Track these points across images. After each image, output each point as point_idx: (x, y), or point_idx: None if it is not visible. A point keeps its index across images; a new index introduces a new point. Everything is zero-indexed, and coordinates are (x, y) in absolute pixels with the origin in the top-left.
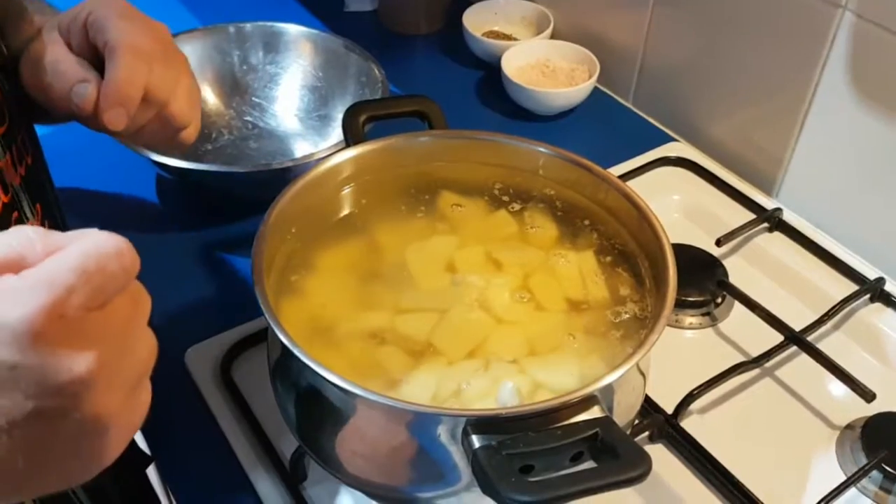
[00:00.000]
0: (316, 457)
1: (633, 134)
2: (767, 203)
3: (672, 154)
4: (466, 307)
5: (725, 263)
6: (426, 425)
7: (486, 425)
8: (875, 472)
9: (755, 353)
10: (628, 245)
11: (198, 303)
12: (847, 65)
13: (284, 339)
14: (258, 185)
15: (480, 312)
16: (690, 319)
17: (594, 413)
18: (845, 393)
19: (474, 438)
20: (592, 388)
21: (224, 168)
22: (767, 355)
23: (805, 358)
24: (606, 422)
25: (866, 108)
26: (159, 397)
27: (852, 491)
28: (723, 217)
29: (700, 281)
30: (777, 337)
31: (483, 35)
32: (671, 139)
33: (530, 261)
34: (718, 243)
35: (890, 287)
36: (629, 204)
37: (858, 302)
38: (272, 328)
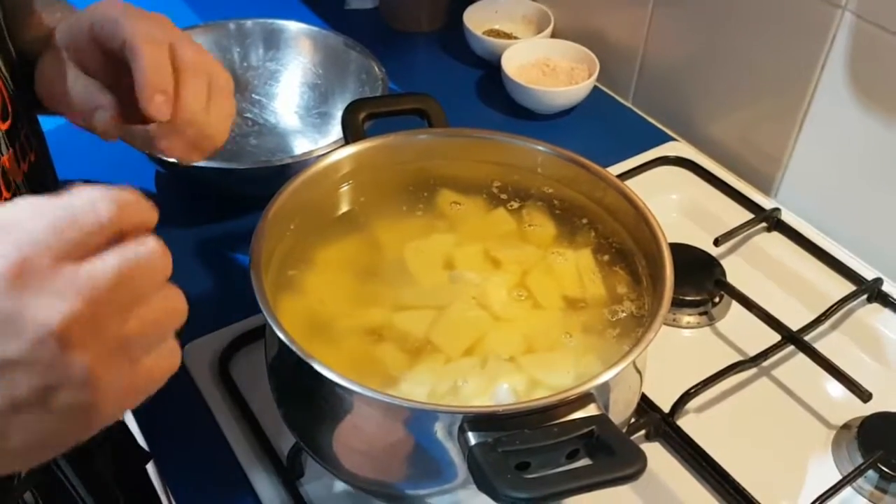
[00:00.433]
0: (313, 453)
1: (633, 133)
2: (766, 203)
3: (671, 153)
4: (464, 305)
5: (723, 263)
6: (423, 422)
7: (483, 422)
8: (871, 472)
9: (752, 353)
10: (626, 243)
11: (196, 299)
12: (846, 65)
13: (282, 336)
14: (257, 182)
15: (478, 310)
16: (688, 318)
17: (590, 411)
18: (842, 393)
19: (471, 435)
20: (589, 386)
21: (224, 164)
22: (765, 355)
23: (802, 358)
24: (602, 419)
25: (865, 109)
26: (157, 393)
27: (848, 490)
28: (721, 216)
29: (698, 280)
30: (774, 336)
31: (483, 33)
32: (670, 138)
33: (528, 259)
34: (717, 243)
35: (887, 287)
36: (627, 203)
37: (856, 302)
38: (270, 325)
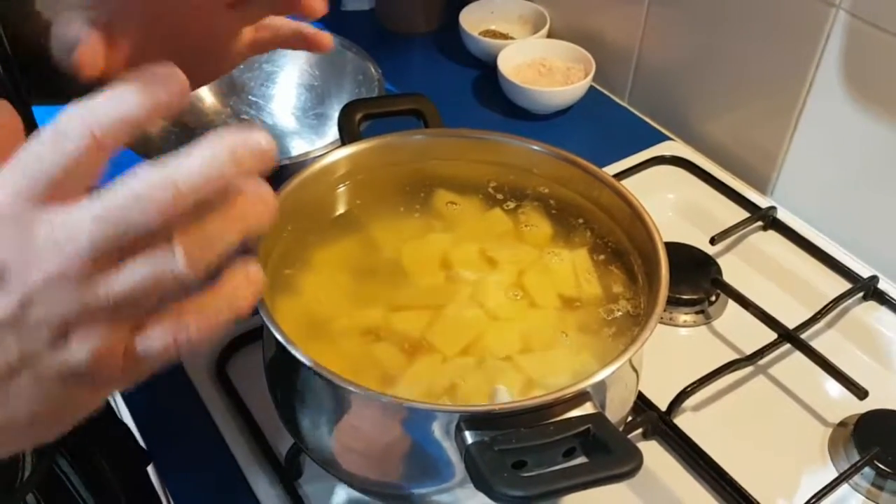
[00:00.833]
0: (311, 453)
1: (629, 133)
2: (762, 201)
3: (667, 153)
4: (461, 304)
5: (720, 262)
6: (420, 421)
7: (480, 421)
8: (867, 469)
9: (749, 351)
10: (622, 243)
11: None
12: (841, 64)
13: (279, 336)
14: None
15: (475, 309)
16: (684, 317)
17: (587, 409)
18: (838, 390)
19: (467, 434)
20: (585, 385)
21: None
22: (761, 353)
23: (798, 356)
24: (599, 418)
25: (860, 107)
26: (155, 394)
27: (844, 487)
28: (717, 215)
29: (694, 279)
30: (770, 335)
31: (480, 34)
32: (666, 138)
33: (524, 258)
34: (713, 242)
35: (883, 285)
36: (623, 202)
37: (852, 300)
38: (267, 325)
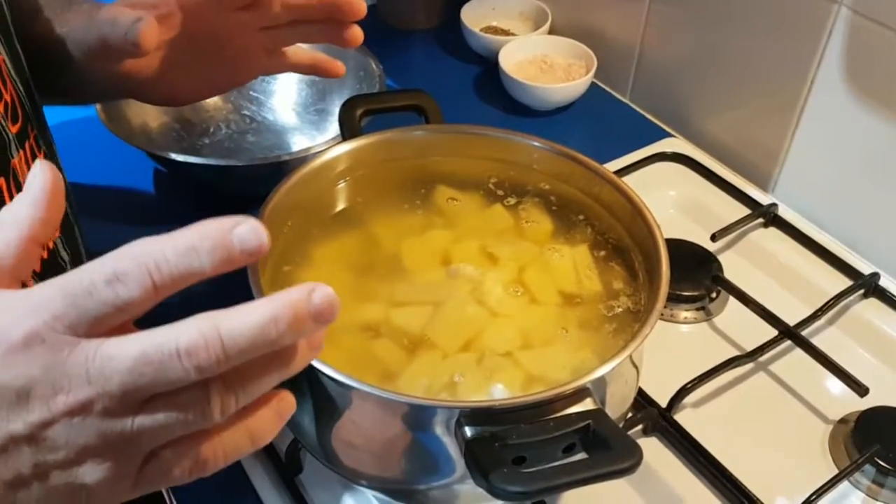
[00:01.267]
0: (311, 449)
1: (630, 129)
2: (763, 198)
3: (668, 149)
4: (461, 300)
5: (720, 258)
6: (420, 417)
7: (480, 417)
8: (868, 466)
9: (749, 348)
10: (622, 239)
11: (193, 296)
12: (843, 60)
13: None
14: (255, 179)
15: (475, 306)
16: (685, 314)
17: (587, 405)
18: (839, 387)
19: (467, 430)
20: (585, 381)
21: (221, 162)
22: (761, 350)
23: (799, 352)
24: (598, 414)
25: (862, 104)
26: None
27: (844, 484)
28: (718, 212)
29: (695, 276)
30: (771, 331)
31: (481, 30)
32: (668, 134)
33: (525, 255)
34: (714, 238)
35: (884, 282)
36: (623, 198)
37: (853, 297)
38: None
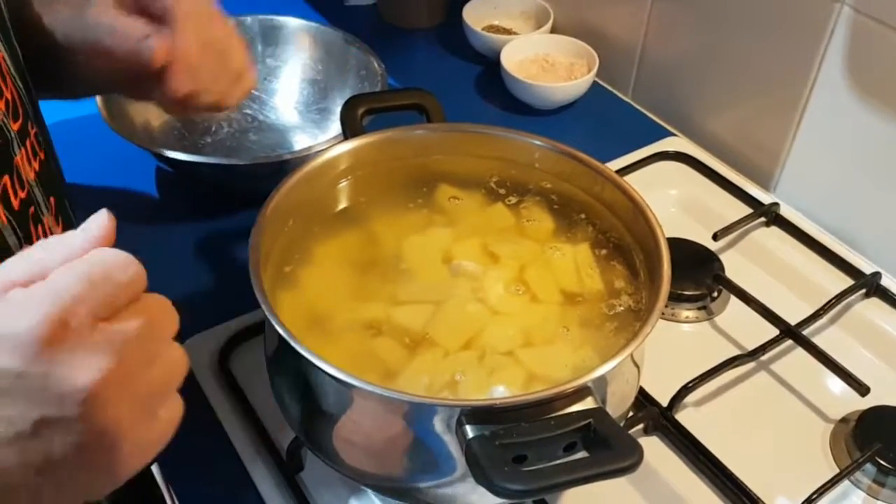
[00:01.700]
0: (312, 447)
1: (632, 128)
2: (765, 198)
3: (670, 149)
4: (462, 299)
5: (722, 258)
6: (421, 416)
7: (481, 415)
8: (868, 466)
9: (751, 347)
10: (624, 238)
11: (196, 294)
12: (845, 60)
13: (281, 331)
14: (257, 178)
15: (476, 304)
16: (687, 313)
17: (587, 404)
18: (840, 387)
19: (468, 428)
20: (586, 379)
21: (223, 160)
22: (763, 349)
23: (800, 352)
24: (599, 413)
25: (864, 104)
26: None
27: (845, 484)
28: (720, 211)
29: (696, 275)
30: (773, 331)
31: (483, 29)
32: (669, 134)
33: (526, 253)
34: (715, 238)
35: (886, 282)
36: (625, 197)
37: (854, 296)
38: (269, 319)
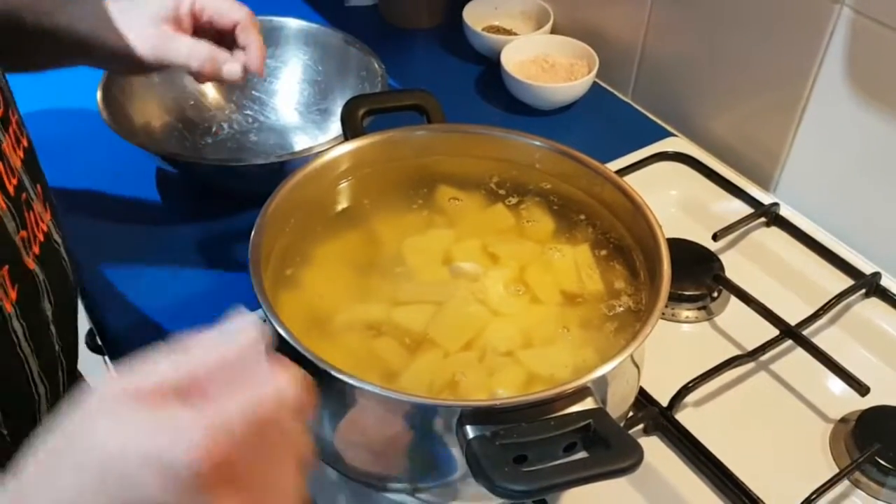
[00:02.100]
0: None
1: (632, 129)
2: (765, 198)
3: (670, 149)
4: (463, 300)
5: (722, 258)
6: (421, 416)
7: (481, 416)
8: (868, 465)
9: (751, 347)
10: (624, 239)
11: (196, 294)
12: (845, 60)
13: (281, 331)
14: (257, 179)
15: (476, 305)
16: (687, 313)
17: (587, 404)
18: (840, 387)
19: (468, 429)
20: (586, 380)
21: (224, 161)
22: (763, 349)
23: (800, 352)
24: (599, 413)
25: (864, 104)
26: None
27: (845, 484)
28: (720, 212)
29: (696, 275)
30: (772, 331)
31: (483, 30)
32: (669, 134)
33: (526, 254)
34: (715, 238)
35: (885, 282)
36: (625, 198)
37: (854, 296)
38: (269, 320)
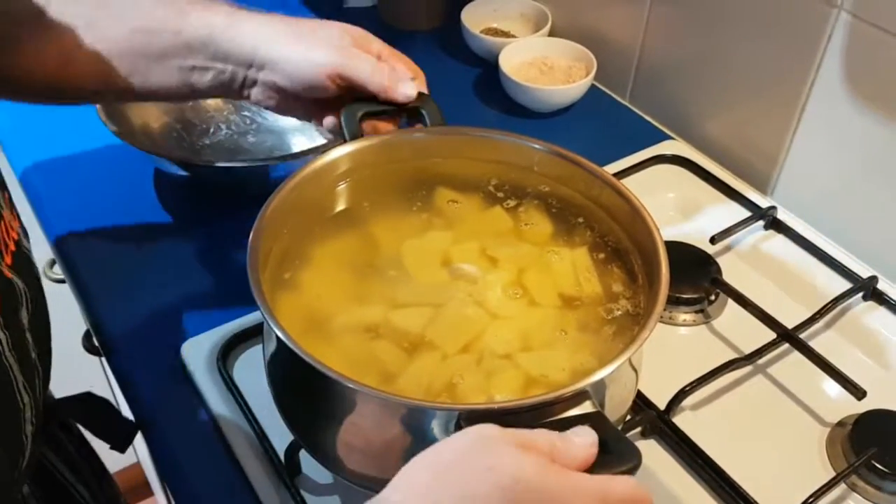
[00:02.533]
0: (310, 450)
1: (630, 131)
2: (762, 201)
3: (668, 152)
4: (461, 302)
5: (720, 261)
6: (419, 419)
7: (479, 419)
8: (865, 469)
9: (748, 351)
10: (622, 242)
11: (195, 296)
12: (842, 64)
13: (279, 333)
14: (255, 180)
15: (475, 308)
16: (684, 316)
17: (586, 408)
18: (837, 390)
19: None
20: (584, 384)
21: (221, 162)
22: (760, 352)
23: (797, 355)
24: (598, 416)
25: (861, 108)
26: (155, 390)
27: (841, 487)
28: (717, 215)
29: (694, 278)
30: (770, 334)
31: (481, 32)
32: (667, 137)
33: (524, 257)
34: (713, 241)
35: (882, 286)
36: (623, 201)
37: (851, 300)
38: (267, 322)
